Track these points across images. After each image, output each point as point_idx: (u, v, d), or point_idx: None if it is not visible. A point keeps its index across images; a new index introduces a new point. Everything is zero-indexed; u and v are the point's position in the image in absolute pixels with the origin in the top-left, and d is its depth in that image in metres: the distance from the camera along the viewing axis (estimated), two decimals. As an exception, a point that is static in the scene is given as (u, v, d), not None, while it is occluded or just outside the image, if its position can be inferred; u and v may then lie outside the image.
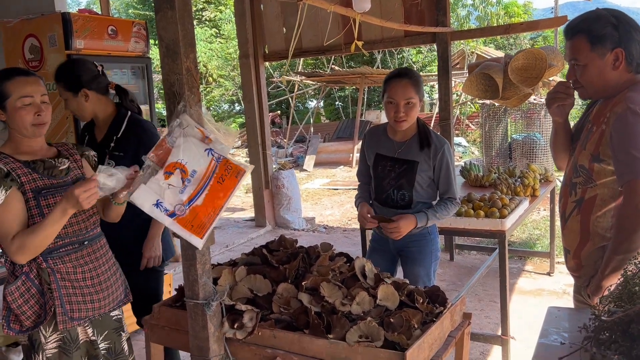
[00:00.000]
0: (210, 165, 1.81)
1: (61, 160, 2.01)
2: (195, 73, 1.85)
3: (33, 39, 3.23)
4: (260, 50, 6.31)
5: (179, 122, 1.84)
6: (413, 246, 2.57)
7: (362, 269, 2.08)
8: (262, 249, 2.31)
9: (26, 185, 1.87)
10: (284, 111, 20.77)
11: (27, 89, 1.91)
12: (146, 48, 3.60)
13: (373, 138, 2.61)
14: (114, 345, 2.16)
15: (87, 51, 3.23)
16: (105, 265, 2.08)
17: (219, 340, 1.96)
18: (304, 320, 1.90)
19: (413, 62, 17.97)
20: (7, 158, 1.88)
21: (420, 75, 2.48)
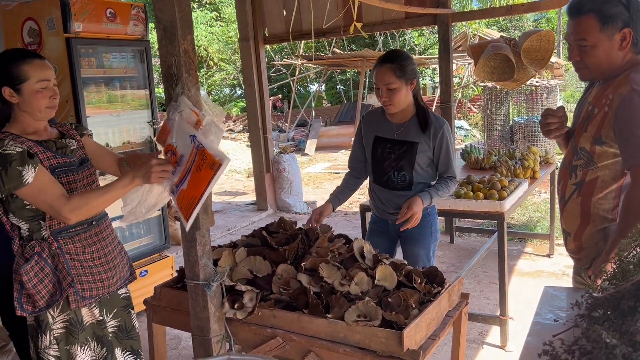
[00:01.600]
0: (192, 153, 1.77)
1: (69, 140, 2.04)
2: (193, 55, 1.85)
3: (32, 22, 3.21)
4: (260, 33, 6.27)
5: (175, 105, 1.85)
6: None
7: (361, 250, 2.10)
8: (262, 230, 2.33)
9: (44, 162, 1.89)
10: (285, 95, 20.68)
11: (46, 72, 1.94)
12: (145, 31, 3.57)
13: (372, 121, 2.60)
14: (124, 323, 2.17)
15: (86, 34, 3.21)
16: (112, 244, 2.10)
17: (220, 320, 1.99)
18: (304, 301, 1.92)
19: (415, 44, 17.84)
20: (20, 138, 1.89)
21: (410, 58, 2.44)
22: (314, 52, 13.40)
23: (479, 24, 14.84)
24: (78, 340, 1.99)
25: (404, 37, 17.25)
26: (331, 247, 2.14)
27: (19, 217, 1.91)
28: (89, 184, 2.03)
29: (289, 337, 1.88)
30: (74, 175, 1.97)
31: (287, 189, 6.80)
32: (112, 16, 3.32)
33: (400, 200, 2.49)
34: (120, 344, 2.16)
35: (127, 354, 2.19)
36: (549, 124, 2.00)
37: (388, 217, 2.59)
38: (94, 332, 2.06)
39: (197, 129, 1.75)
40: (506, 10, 5.43)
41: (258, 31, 6.24)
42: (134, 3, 3.49)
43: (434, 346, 1.83)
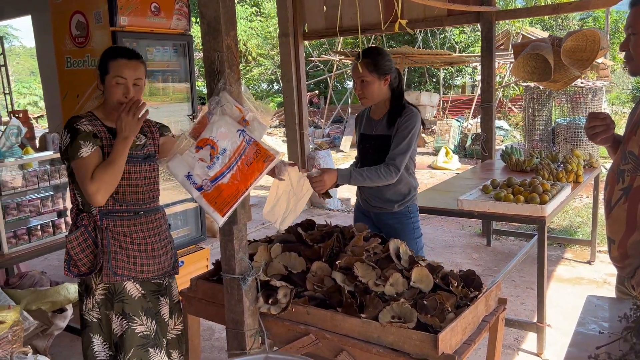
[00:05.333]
0: (240, 147, 1.81)
1: (139, 136, 2.16)
2: (236, 50, 1.85)
3: (80, 15, 3.29)
4: (299, 29, 6.28)
5: (217, 100, 1.86)
6: (391, 219, 2.58)
7: (397, 251, 2.08)
8: (297, 227, 2.33)
9: (105, 149, 2.05)
10: (322, 91, 20.68)
11: (124, 71, 2.06)
12: (188, 25, 3.62)
13: (359, 120, 2.72)
14: (152, 306, 2.23)
15: (131, 28, 3.28)
16: (155, 237, 2.19)
17: (254, 314, 2.00)
18: (337, 299, 1.91)
19: (455, 42, 17.56)
20: (96, 121, 2.08)
21: (385, 55, 2.50)
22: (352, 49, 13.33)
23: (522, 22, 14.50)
24: (113, 309, 2.10)
25: (444, 34, 17.00)
26: (366, 246, 2.13)
27: (76, 189, 2.09)
28: (147, 178, 2.16)
29: (322, 335, 1.87)
30: (133, 166, 2.10)
31: (322, 185, 6.80)
32: (156, 10, 3.37)
33: (381, 193, 2.55)
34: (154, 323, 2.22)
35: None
36: (594, 127, 1.93)
37: (372, 210, 2.63)
38: (142, 306, 2.16)
39: (243, 125, 1.78)
40: (553, 9, 5.28)
41: (298, 27, 6.24)
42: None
43: (469, 351, 1.79)
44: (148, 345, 2.12)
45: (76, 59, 3.41)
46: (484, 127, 5.26)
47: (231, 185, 1.84)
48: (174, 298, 2.33)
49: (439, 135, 12.37)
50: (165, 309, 2.27)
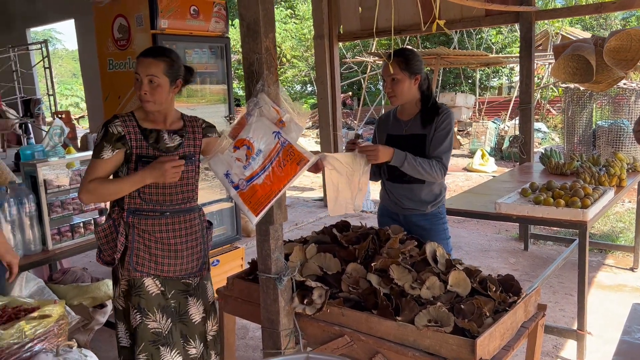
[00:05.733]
0: (275, 148, 1.83)
1: (174, 136, 2.16)
2: (274, 52, 1.87)
3: (122, 18, 3.38)
4: (335, 30, 6.29)
5: (255, 101, 1.88)
6: (423, 220, 2.56)
7: (434, 254, 2.06)
8: (332, 228, 2.33)
9: (134, 150, 2.09)
10: (355, 92, 20.64)
11: (138, 67, 2.11)
12: (225, 28, 3.67)
13: (384, 122, 2.70)
14: (178, 306, 2.24)
15: (171, 30, 3.35)
16: (182, 238, 2.19)
17: (289, 314, 2.01)
18: (373, 301, 1.91)
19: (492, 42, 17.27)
20: (132, 121, 2.12)
21: (416, 55, 2.51)
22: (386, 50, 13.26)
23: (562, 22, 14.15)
24: (131, 302, 2.14)
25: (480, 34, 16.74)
26: (402, 248, 2.11)
27: None
28: (179, 179, 2.13)
29: (357, 337, 1.87)
30: None
31: (355, 186, 6.78)
32: (195, 13, 3.43)
33: (414, 194, 2.52)
34: (175, 323, 2.23)
35: (180, 338, 2.24)
36: None
37: (402, 212, 2.60)
38: (159, 303, 2.17)
39: (280, 126, 1.79)
40: (595, 8, 5.13)
41: (333, 29, 6.25)
42: (216, 0, 3.58)
43: (507, 357, 1.76)
44: (159, 343, 2.14)
45: (118, 61, 3.50)
46: (522, 129, 5.15)
47: (265, 185, 1.86)
48: (209, 299, 2.34)
49: (474, 137, 12.19)
50: (195, 309, 2.27)
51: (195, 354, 2.27)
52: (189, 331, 2.25)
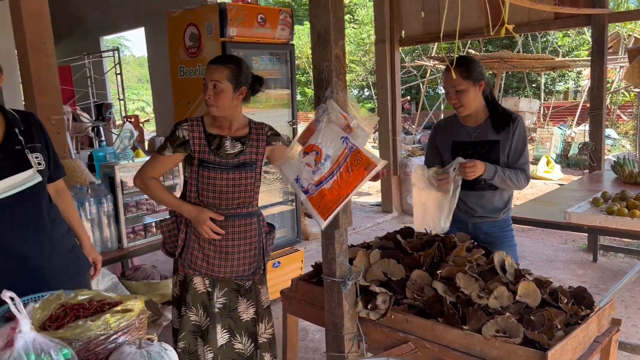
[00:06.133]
0: (343, 154, 1.86)
1: (235, 143, 2.24)
2: (343, 60, 1.90)
3: (193, 27, 3.52)
4: (396, 35, 6.26)
5: (324, 108, 1.92)
6: (493, 227, 2.51)
7: (502, 263, 2.02)
8: (396, 234, 2.34)
9: (196, 154, 2.21)
10: (413, 97, 20.43)
11: (206, 74, 2.23)
12: (290, 35, 3.74)
13: (446, 128, 2.64)
14: (229, 302, 2.35)
15: (239, 38, 3.46)
16: (234, 241, 2.28)
17: (353, 318, 2.03)
18: (438, 309, 1.90)
19: (558, 45, 16.64)
20: (199, 126, 2.24)
21: (476, 61, 2.48)
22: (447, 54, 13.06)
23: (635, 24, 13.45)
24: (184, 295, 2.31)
25: (546, 37, 16.17)
26: (469, 257, 2.09)
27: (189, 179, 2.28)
28: (235, 185, 2.22)
29: (422, 344, 1.86)
30: (219, 174, 2.19)
31: (414, 192, 6.72)
32: (262, 21, 3.53)
33: (487, 201, 2.48)
34: (221, 320, 2.34)
35: (224, 331, 2.35)
36: None
37: (471, 220, 2.54)
38: (202, 301, 2.32)
39: (348, 132, 1.82)
40: (674, 9, 4.85)
41: (394, 33, 6.24)
42: (282, 8, 3.67)
43: (579, 372, 1.71)
44: (197, 334, 2.33)
45: (189, 68, 3.65)
46: (593, 135, 4.94)
47: (333, 190, 1.89)
48: (263, 304, 2.41)
49: (539, 143, 11.78)
50: (244, 309, 2.37)
51: (240, 349, 2.37)
52: (236, 327, 2.36)
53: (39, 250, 1.87)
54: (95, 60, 11.80)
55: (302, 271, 4.10)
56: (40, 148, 1.91)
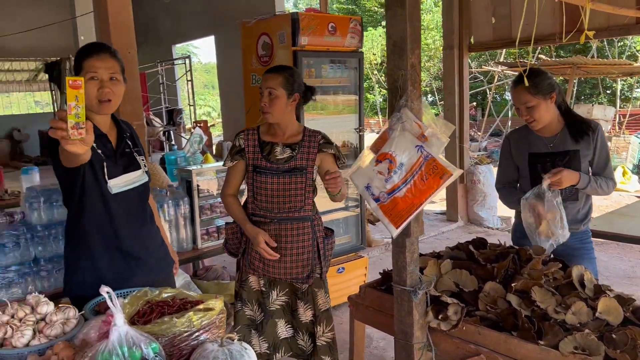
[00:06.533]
0: (418, 162, 1.86)
1: (285, 149, 2.35)
2: (419, 69, 1.91)
3: (265, 36, 3.62)
4: (465, 41, 6.17)
5: (398, 116, 1.93)
6: (573, 238, 2.38)
7: (581, 278, 1.95)
8: (469, 244, 2.30)
9: (249, 160, 2.37)
10: (479, 103, 19.96)
11: (262, 82, 2.37)
12: (360, 43, 3.78)
13: (519, 140, 2.57)
14: (290, 302, 2.51)
15: (310, 47, 3.52)
16: (287, 244, 2.37)
17: (422, 328, 2.02)
18: (512, 322, 1.86)
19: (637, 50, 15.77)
20: (254, 135, 2.40)
21: (544, 74, 2.40)
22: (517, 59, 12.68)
23: None
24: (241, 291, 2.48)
25: (623, 41, 15.38)
26: (545, 270, 2.03)
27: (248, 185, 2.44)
28: (286, 190, 2.34)
29: (494, 357, 1.83)
30: (270, 178, 2.32)
31: (481, 201, 6.57)
32: (333, 30, 3.58)
33: (568, 212, 2.36)
34: (284, 317, 2.51)
35: (287, 325, 2.54)
36: None
37: None
38: (257, 298, 2.49)
39: (422, 140, 1.82)
40: None
41: (463, 39, 6.15)
42: (353, 17, 3.71)
43: (665, 397, 1.62)
44: (252, 327, 2.49)
45: (260, 76, 3.74)
46: (677, 146, 4.66)
47: (406, 199, 1.89)
48: (320, 307, 2.49)
49: (614, 152, 11.20)
50: (302, 311, 2.49)
51: (302, 345, 2.55)
52: (298, 325, 2.52)
53: (143, 243, 2.03)
54: (168, 68, 12.33)
55: (366, 278, 4.11)
56: (141, 152, 2.08)
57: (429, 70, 20.59)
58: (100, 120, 1.93)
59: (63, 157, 1.67)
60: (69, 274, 2.00)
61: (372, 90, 21.28)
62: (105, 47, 1.91)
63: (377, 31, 21.17)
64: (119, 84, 1.90)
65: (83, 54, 1.88)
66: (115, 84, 1.88)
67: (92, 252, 1.93)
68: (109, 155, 1.92)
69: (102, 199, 1.89)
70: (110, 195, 1.89)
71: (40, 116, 14.65)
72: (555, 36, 5.11)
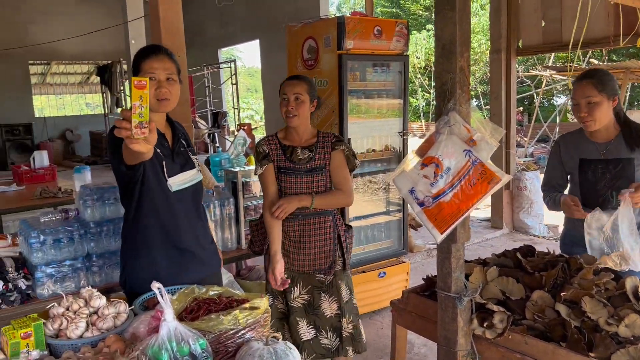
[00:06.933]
0: (465, 166, 1.83)
1: (304, 150, 2.52)
2: (468, 72, 1.88)
3: (311, 40, 3.65)
4: (513, 44, 6.04)
5: (446, 120, 1.91)
6: None
7: (635, 290, 1.88)
8: (516, 252, 2.25)
9: (275, 163, 2.50)
10: (525, 108, 19.49)
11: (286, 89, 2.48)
12: (405, 46, 3.75)
13: (571, 144, 2.51)
14: (312, 300, 2.57)
15: (355, 51, 3.53)
16: (311, 237, 2.52)
17: (467, 335, 1.99)
18: (560, 333, 1.80)
19: (696, 54, 15.05)
20: (275, 141, 2.53)
21: (611, 75, 2.34)
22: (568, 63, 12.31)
23: None
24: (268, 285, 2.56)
25: (681, 45, 14.69)
26: (597, 280, 1.96)
27: None
28: (308, 188, 2.48)
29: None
30: (293, 178, 2.47)
31: (527, 208, 6.41)
32: (378, 33, 3.58)
33: None
34: (307, 317, 2.57)
35: (310, 327, 2.57)
36: None
37: None
38: (284, 291, 2.54)
39: (470, 145, 1.79)
40: None
41: (511, 43, 6.02)
42: (399, 20, 3.70)
43: None
44: (283, 320, 2.58)
45: (305, 79, 3.78)
46: None
47: (452, 204, 1.87)
48: (344, 298, 2.59)
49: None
50: (327, 305, 2.58)
51: (327, 344, 2.58)
52: (321, 323, 2.57)
53: (197, 240, 2.10)
54: (213, 71, 12.58)
55: (407, 283, 4.07)
56: (194, 152, 2.16)
57: (474, 75, 20.24)
58: (156, 119, 1.99)
59: (126, 154, 1.73)
60: (125, 270, 2.07)
61: (415, 94, 21.09)
62: (162, 49, 1.97)
63: (421, 35, 20.99)
64: (175, 84, 1.96)
65: (141, 56, 1.95)
66: (171, 84, 1.94)
67: (151, 249, 2.00)
68: (166, 154, 1.99)
69: (163, 197, 1.96)
70: (170, 192, 1.96)
71: (91, 117, 15.24)
72: (609, 39, 4.95)
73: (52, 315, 1.60)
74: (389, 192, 4.23)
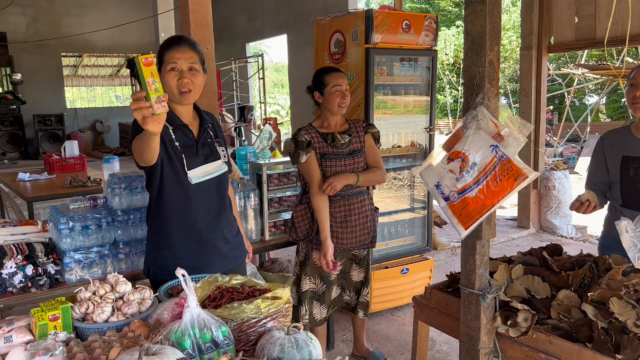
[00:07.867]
0: (492, 162, 1.80)
1: (343, 135, 2.73)
2: (497, 66, 1.85)
3: (339, 34, 3.63)
4: (545, 41, 5.92)
5: (474, 114, 1.88)
6: None
7: (666, 292, 1.83)
8: (542, 250, 2.21)
9: (317, 150, 2.68)
10: (556, 106, 19.10)
11: (339, 80, 2.66)
12: (434, 41, 3.71)
13: (615, 141, 2.43)
14: (344, 268, 2.91)
15: (383, 44, 3.50)
16: (355, 216, 2.76)
17: (490, 333, 1.96)
18: (586, 333, 1.77)
19: None
20: (312, 130, 2.73)
21: None
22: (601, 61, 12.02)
23: None
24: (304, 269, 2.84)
25: None
26: (626, 281, 1.91)
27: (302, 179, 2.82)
28: (351, 170, 2.70)
29: (566, 369, 1.75)
30: (337, 162, 2.67)
31: (555, 208, 6.29)
32: (407, 27, 3.54)
33: None
34: (338, 282, 2.94)
35: (337, 288, 2.96)
36: None
37: None
38: (320, 273, 2.82)
39: (498, 140, 1.76)
40: None
41: (543, 39, 5.90)
42: (428, 14, 3.65)
43: None
44: (314, 299, 2.86)
45: (332, 73, 3.76)
46: None
47: (477, 199, 1.84)
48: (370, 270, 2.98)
49: None
50: (356, 273, 2.94)
51: (347, 300, 3.01)
52: (347, 284, 2.96)
53: (220, 232, 2.11)
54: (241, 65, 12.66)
55: (430, 280, 4.04)
56: (222, 143, 2.15)
57: (504, 72, 19.91)
58: (182, 110, 2.00)
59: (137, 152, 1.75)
60: (149, 258, 2.10)
61: (442, 91, 20.87)
62: (184, 39, 1.98)
63: (450, 31, 20.73)
64: (198, 74, 1.96)
65: (164, 47, 1.96)
66: (194, 74, 1.93)
67: (172, 238, 2.02)
68: (190, 145, 1.99)
69: (182, 190, 1.97)
70: (190, 185, 1.97)
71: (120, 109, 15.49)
72: (645, 36, 4.80)
73: (80, 300, 1.64)
74: (413, 189, 4.20)
